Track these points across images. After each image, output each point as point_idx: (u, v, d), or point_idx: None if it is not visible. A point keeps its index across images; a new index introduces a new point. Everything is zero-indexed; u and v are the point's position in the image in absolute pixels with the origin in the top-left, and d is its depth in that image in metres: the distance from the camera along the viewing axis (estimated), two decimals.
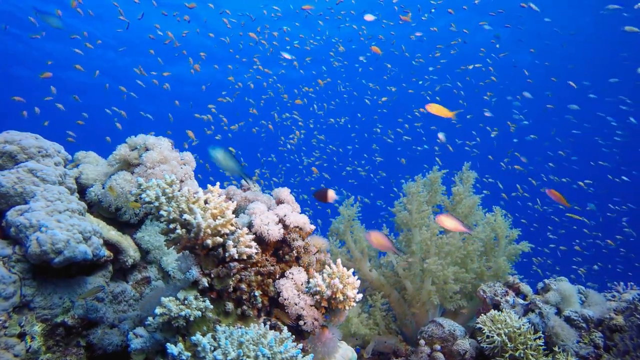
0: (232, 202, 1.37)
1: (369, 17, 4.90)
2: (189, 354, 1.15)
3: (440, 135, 3.96)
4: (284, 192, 1.67)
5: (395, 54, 10.16)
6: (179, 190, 1.31)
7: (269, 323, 1.34)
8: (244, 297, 1.33)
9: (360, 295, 1.39)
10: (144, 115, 8.43)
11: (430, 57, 9.18)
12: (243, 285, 1.33)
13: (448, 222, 1.82)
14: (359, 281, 1.40)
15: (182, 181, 1.95)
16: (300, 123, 9.03)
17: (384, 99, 8.90)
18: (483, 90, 10.38)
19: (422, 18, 8.61)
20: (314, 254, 1.51)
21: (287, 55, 5.24)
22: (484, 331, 1.78)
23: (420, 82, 11.23)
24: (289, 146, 9.25)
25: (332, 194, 1.67)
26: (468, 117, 9.88)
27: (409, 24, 8.51)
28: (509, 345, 1.70)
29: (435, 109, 2.09)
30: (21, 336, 1.37)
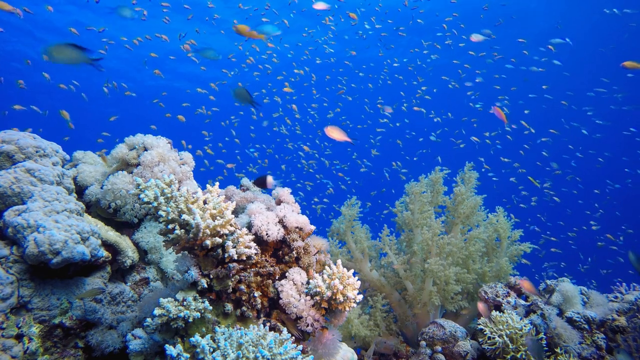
0: (231, 202, 1.36)
1: (319, 6, 4.09)
2: (188, 355, 1.14)
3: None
4: (284, 193, 1.66)
5: (391, 47, 10.10)
6: (177, 191, 1.30)
7: (268, 324, 1.33)
8: (244, 298, 1.32)
9: (360, 297, 1.37)
10: (131, 95, 8.22)
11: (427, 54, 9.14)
12: (242, 286, 1.31)
13: (334, 133, 1.89)
14: (359, 282, 1.38)
15: (180, 181, 1.94)
16: (297, 115, 8.95)
17: (388, 110, 8.75)
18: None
19: (419, 20, 8.65)
20: (314, 255, 1.49)
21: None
22: (485, 332, 1.76)
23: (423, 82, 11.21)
24: (287, 123, 9.05)
25: (270, 180, 1.73)
26: (463, 119, 9.87)
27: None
28: (510, 346, 1.69)
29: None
30: (19, 337, 1.36)
